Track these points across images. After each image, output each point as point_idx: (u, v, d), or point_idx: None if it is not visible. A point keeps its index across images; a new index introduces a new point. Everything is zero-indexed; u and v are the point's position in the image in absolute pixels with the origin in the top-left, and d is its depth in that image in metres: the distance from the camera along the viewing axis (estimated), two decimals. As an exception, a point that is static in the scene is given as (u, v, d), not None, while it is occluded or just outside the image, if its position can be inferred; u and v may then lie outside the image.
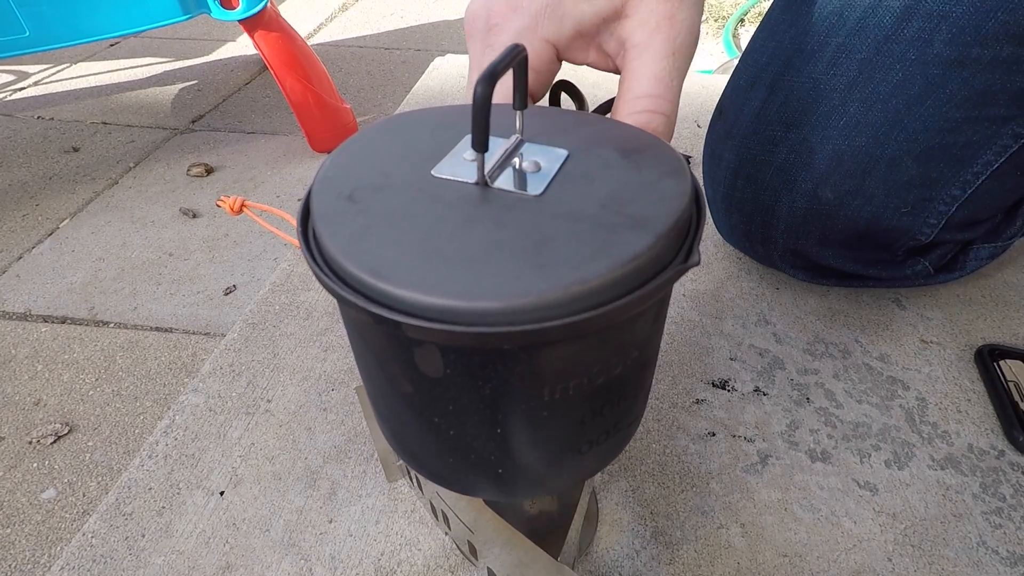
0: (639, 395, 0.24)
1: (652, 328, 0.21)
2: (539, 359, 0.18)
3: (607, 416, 0.22)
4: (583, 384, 0.20)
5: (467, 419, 0.20)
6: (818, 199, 0.47)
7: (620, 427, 0.23)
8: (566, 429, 0.21)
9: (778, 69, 0.47)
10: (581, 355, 0.19)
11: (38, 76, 1.45)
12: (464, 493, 0.25)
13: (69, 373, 0.67)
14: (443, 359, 0.18)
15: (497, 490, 0.24)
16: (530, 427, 0.20)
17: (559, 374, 0.19)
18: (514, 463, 0.22)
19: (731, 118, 0.51)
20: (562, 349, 0.18)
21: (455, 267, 0.17)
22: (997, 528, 0.39)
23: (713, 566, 0.37)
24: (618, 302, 0.17)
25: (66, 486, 0.54)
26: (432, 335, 0.17)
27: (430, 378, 0.19)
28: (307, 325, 0.54)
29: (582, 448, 0.22)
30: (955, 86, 0.42)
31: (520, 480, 0.23)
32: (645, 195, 0.20)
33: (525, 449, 0.21)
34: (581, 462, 0.23)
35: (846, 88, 0.44)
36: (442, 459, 0.23)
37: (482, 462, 0.22)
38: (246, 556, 0.38)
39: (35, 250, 0.89)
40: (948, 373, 0.49)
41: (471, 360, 0.18)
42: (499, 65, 0.19)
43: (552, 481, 0.23)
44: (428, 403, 0.20)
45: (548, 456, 0.22)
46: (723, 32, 1.69)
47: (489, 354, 0.18)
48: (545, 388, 0.19)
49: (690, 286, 0.58)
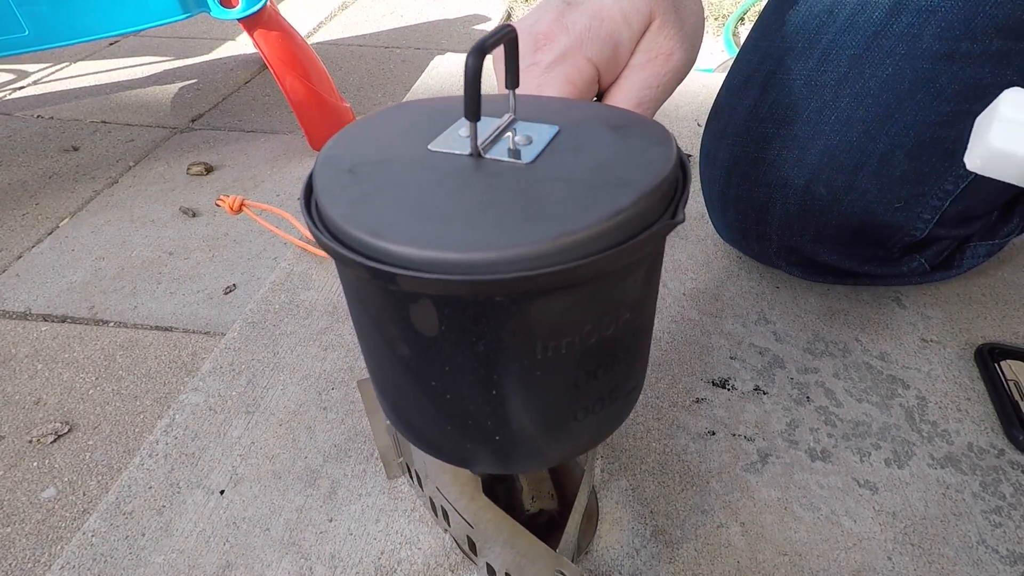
0: (634, 363, 0.24)
1: (643, 291, 0.22)
2: (530, 312, 0.19)
3: (601, 381, 0.22)
4: (575, 343, 0.20)
5: (463, 380, 0.21)
6: (811, 195, 0.47)
7: (615, 396, 0.23)
8: (560, 391, 0.21)
9: (770, 67, 0.48)
10: (572, 310, 0.19)
11: (37, 75, 1.45)
12: (463, 465, 0.25)
13: (69, 372, 0.67)
14: (438, 315, 0.19)
15: (495, 460, 0.24)
16: (524, 388, 0.21)
17: (551, 330, 0.19)
18: (511, 429, 0.22)
19: (725, 117, 0.51)
20: (553, 302, 0.19)
21: (449, 224, 0.18)
22: (997, 527, 0.39)
23: (713, 565, 0.37)
24: (606, 252, 0.18)
25: (66, 485, 0.54)
26: (427, 286, 0.17)
27: (426, 337, 0.20)
28: (307, 324, 0.54)
29: (578, 415, 0.23)
30: (945, 80, 0.42)
31: (518, 449, 0.23)
32: (631, 161, 0.21)
33: (521, 412, 0.21)
34: (578, 431, 0.23)
35: (837, 84, 0.45)
36: (440, 428, 0.23)
37: (479, 428, 0.22)
38: (246, 555, 0.38)
39: (35, 249, 0.89)
40: (948, 372, 0.49)
41: (464, 315, 0.19)
42: (488, 41, 0.20)
43: (550, 451, 0.24)
44: (425, 365, 0.21)
45: (544, 421, 0.22)
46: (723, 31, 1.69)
47: (482, 307, 0.18)
48: (537, 344, 0.20)
49: (690, 285, 0.58)
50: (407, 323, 0.20)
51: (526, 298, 0.18)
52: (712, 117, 0.54)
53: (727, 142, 0.51)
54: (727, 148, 0.51)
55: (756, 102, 0.48)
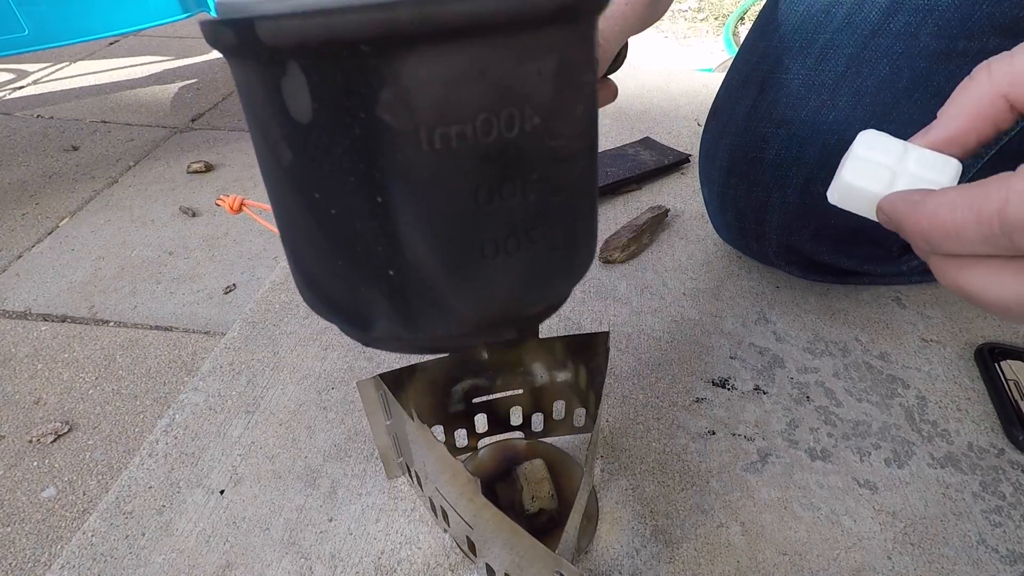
0: (558, 203, 0.21)
1: (555, 95, 0.19)
2: (403, 76, 0.17)
3: (511, 205, 0.19)
4: (467, 135, 0.18)
5: (345, 182, 0.18)
6: (810, 194, 0.47)
7: (534, 237, 0.20)
8: (458, 204, 0.19)
9: (768, 67, 0.48)
10: (456, 85, 0.17)
11: (37, 75, 1.45)
12: (361, 327, 0.22)
13: (69, 372, 0.67)
14: (308, 86, 0.17)
15: (395, 314, 0.21)
16: (412, 192, 0.18)
17: (434, 108, 0.17)
18: (404, 258, 0.19)
19: (724, 117, 0.52)
20: (428, 63, 0.17)
21: None
22: (997, 527, 0.39)
23: (713, 564, 0.37)
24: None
25: (66, 485, 0.54)
26: (283, 35, 0.16)
27: (303, 125, 0.18)
28: (307, 324, 0.54)
29: (485, 248, 0.20)
30: (942, 79, 0.42)
31: (418, 293, 0.20)
32: None
33: (413, 229, 0.19)
34: (489, 276, 0.20)
35: (835, 83, 0.45)
36: (332, 266, 0.21)
37: (370, 257, 0.20)
38: (246, 554, 0.38)
39: (35, 249, 0.89)
40: (948, 372, 0.49)
41: (335, 82, 0.17)
42: None
43: (458, 302, 0.20)
44: (307, 166, 0.19)
45: (442, 248, 0.19)
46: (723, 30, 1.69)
47: (350, 69, 0.17)
48: (421, 130, 0.17)
49: (690, 284, 0.58)
50: (284, 113, 0.18)
51: (394, 51, 0.16)
52: (711, 117, 0.54)
53: (726, 142, 0.51)
54: (726, 148, 0.51)
55: (754, 102, 0.49)
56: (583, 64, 0.19)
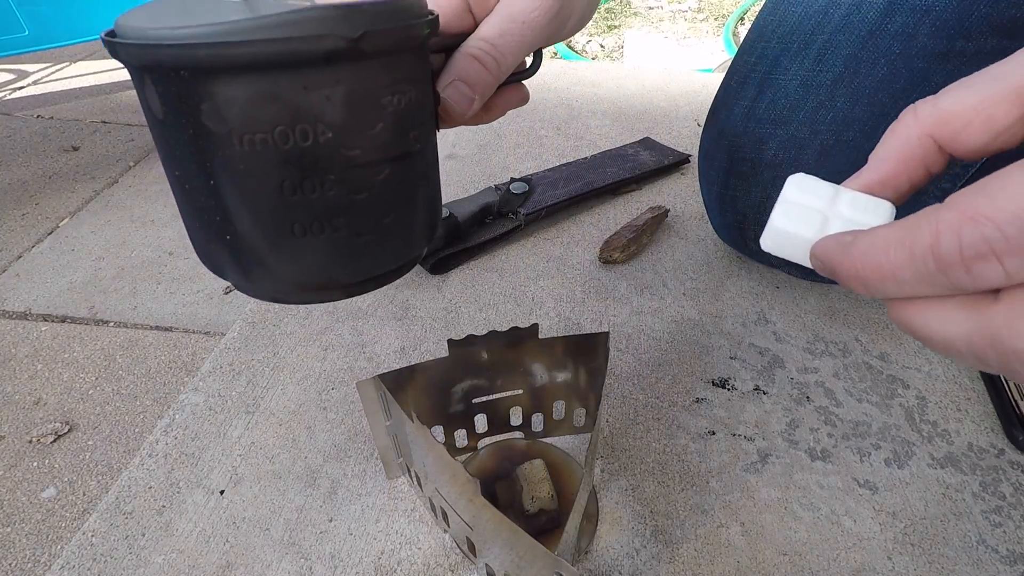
0: (358, 200, 0.25)
1: (345, 115, 0.23)
2: (215, 94, 0.21)
3: (312, 199, 0.24)
4: (269, 141, 0.22)
5: (189, 167, 0.24)
6: None
7: (337, 226, 0.25)
8: (267, 192, 0.23)
9: (766, 68, 0.48)
10: (254, 102, 0.22)
11: (37, 75, 1.45)
12: (217, 273, 0.28)
13: (69, 372, 0.67)
14: (157, 93, 0.22)
15: (236, 268, 0.26)
16: (232, 180, 0.23)
17: (241, 120, 0.22)
18: (235, 228, 0.24)
19: (722, 118, 0.52)
20: (231, 86, 0.21)
21: (172, 18, 0.22)
22: (997, 527, 0.39)
23: (713, 565, 0.37)
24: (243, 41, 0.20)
25: (66, 485, 0.54)
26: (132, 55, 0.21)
27: (160, 120, 0.23)
28: (307, 324, 0.54)
29: (294, 228, 0.24)
30: (941, 79, 0.42)
31: (248, 256, 0.25)
32: (372, 3, 0.23)
33: (238, 207, 0.24)
34: (301, 250, 0.25)
35: (832, 84, 0.45)
36: (194, 225, 0.26)
37: (213, 225, 0.25)
38: (246, 555, 0.38)
39: (35, 249, 0.89)
40: (948, 372, 0.49)
41: (170, 92, 0.22)
42: None
43: (278, 265, 0.25)
44: (168, 152, 0.24)
45: (259, 225, 0.24)
46: (723, 31, 1.69)
47: (179, 83, 0.21)
48: (233, 136, 0.22)
49: (690, 284, 0.58)
50: (149, 110, 0.23)
51: (203, 78, 0.21)
52: (710, 118, 0.54)
53: (724, 143, 0.51)
54: (725, 148, 0.51)
55: (753, 103, 0.49)
56: (380, 90, 0.24)
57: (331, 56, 0.22)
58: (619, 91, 1.01)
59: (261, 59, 0.21)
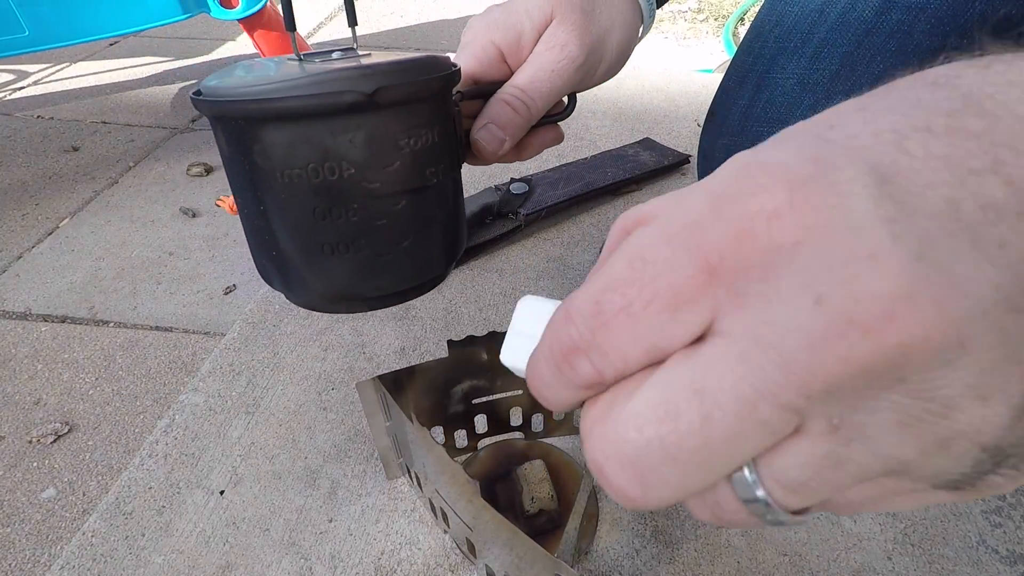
0: (378, 226, 0.29)
1: (366, 156, 0.27)
2: (264, 138, 0.26)
3: (339, 224, 0.28)
4: (304, 175, 0.27)
5: (248, 196, 0.29)
6: None
7: (361, 248, 0.29)
8: (301, 216, 0.28)
9: (764, 67, 0.48)
10: (292, 147, 0.26)
11: (37, 75, 1.45)
12: (268, 283, 0.32)
13: (69, 372, 0.67)
14: (224, 135, 0.28)
15: (282, 280, 0.31)
16: (277, 205, 0.28)
17: (282, 158, 0.27)
18: (279, 247, 0.29)
19: (721, 118, 0.52)
20: (274, 133, 0.26)
21: (239, 81, 0.27)
22: (997, 527, 0.39)
23: (713, 565, 0.37)
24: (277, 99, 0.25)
25: (66, 485, 0.54)
26: (204, 107, 0.27)
27: (227, 156, 0.29)
28: (307, 325, 0.54)
29: (324, 248, 0.29)
30: None
31: (289, 269, 0.30)
32: (390, 63, 0.27)
33: (281, 229, 0.29)
34: (330, 267, 0.29)
35: (829, 82, 0.45)
36: (254, 245, 0.31)
37: (264, 244, 0.30)
38: (246, 555, 0.38)
39: (35, 249, 0.89)
40: (948, 372, 0.49)
41: (231, 135, 0.27)
42: None
43: (312, 278, 0.30)
44: (236, 184, 0.29)
45: (296, 243, 0.29)
46: (723, 31, 1.69)
47: (236, 128, 0.27)
48: (276, 170, 0.27)
49: (690, 285, 0.58)
50: (221, 150, 0.29)
51: (253, 125, 0.26)
52: (709, 118, 0.54)
53: (723, 142, 0.51)
54: (723, 148, 0.51)
55: (750, 102, 0.49)
56: (398, 133, 0.28)
57: (352, 107, 0.26)
58: (619, 91, 1.01)
59: (297, 111, 0.25)
